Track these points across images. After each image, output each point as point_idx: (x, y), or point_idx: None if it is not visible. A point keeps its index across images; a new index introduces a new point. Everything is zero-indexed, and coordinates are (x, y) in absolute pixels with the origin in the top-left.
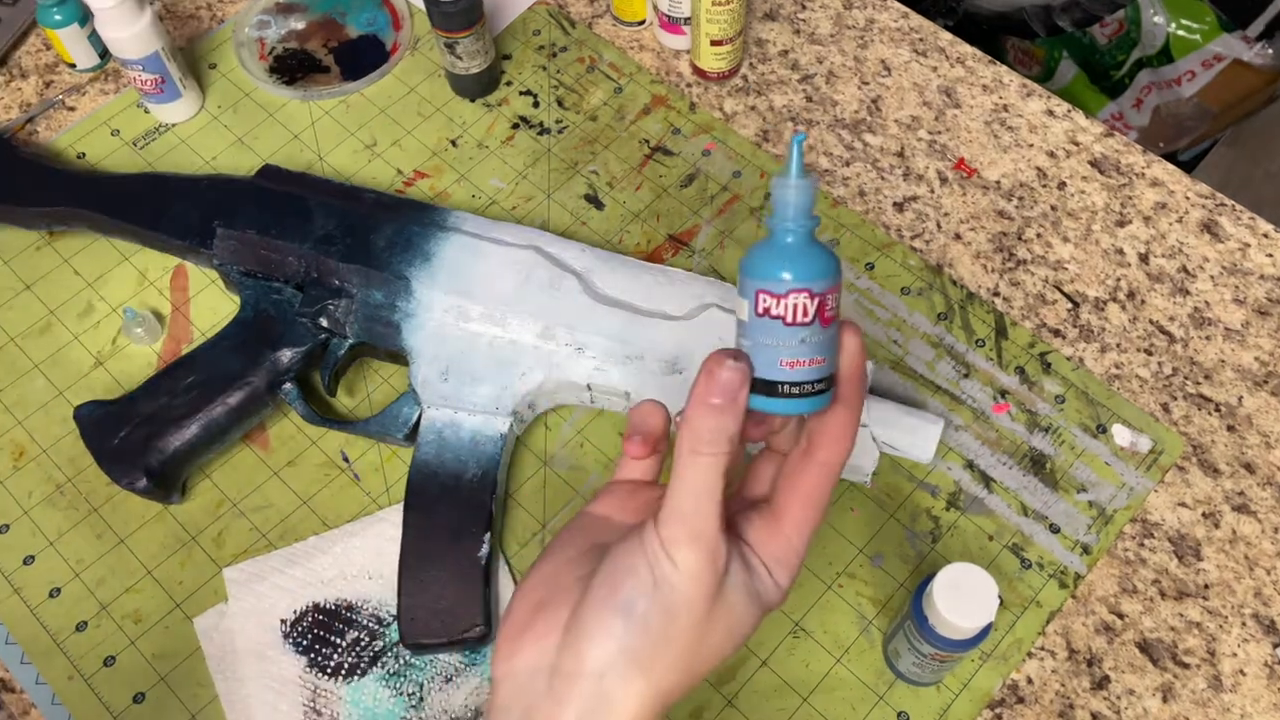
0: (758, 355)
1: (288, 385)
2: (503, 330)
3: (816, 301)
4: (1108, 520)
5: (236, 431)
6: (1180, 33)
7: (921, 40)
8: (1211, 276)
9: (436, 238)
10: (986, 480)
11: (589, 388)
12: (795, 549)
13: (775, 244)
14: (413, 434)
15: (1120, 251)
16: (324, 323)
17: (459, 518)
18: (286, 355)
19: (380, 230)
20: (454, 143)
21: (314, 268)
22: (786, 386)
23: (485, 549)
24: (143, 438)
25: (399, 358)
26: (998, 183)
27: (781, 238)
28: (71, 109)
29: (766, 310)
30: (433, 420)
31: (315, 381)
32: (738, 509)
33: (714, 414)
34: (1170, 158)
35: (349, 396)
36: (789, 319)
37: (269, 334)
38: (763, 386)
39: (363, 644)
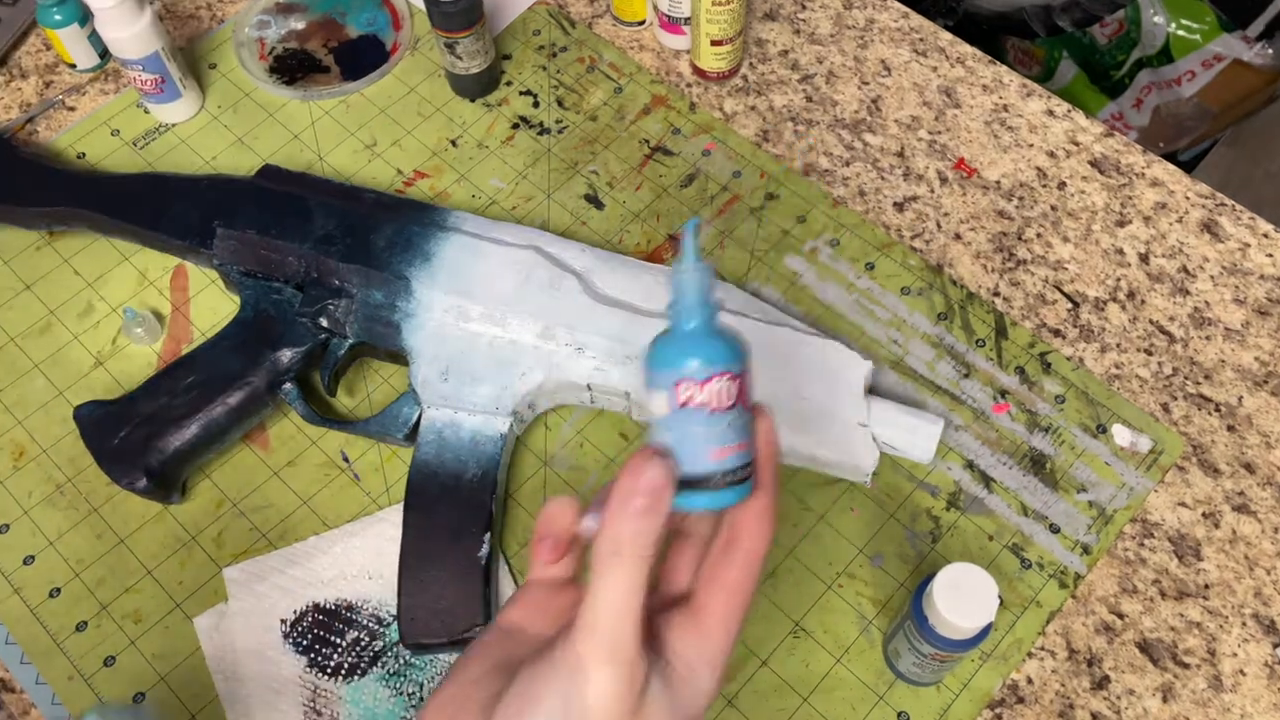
0: (683, 448)
1: (288, 385)
2: (503, 330)
3: (737, 384)
4: (1108, 520)
5: (236, 431)
6: (1180, 33)
7: (921, 40)
8: (1211, 276)
9: (436, 238)
10: (986, 480)
11: (589, 388)
12: (722, 647)
13: (684, 332)
14: (413, 434)
15: (1120, 251)
16: (324, 323)
17: (459, 518)
18: (286, 355)
19: (380, 230)
20: (454, 143)
21: (314, 268)
22: (717, 477)
23: (485, 549)
24: (143, 438)
25: (399, 358)
26: (998, 183)
27: (687, 324)
28: (71, 109)
29: (689, 399)
30: (433, 420)
31: (315, 381)
32: (655, 607)
33: (637, 517)
34: (1170, 158)
35: (349, 396)
36: (714, 405)
37: (269, 334)
38: (689, 482)
39: (363, 644)
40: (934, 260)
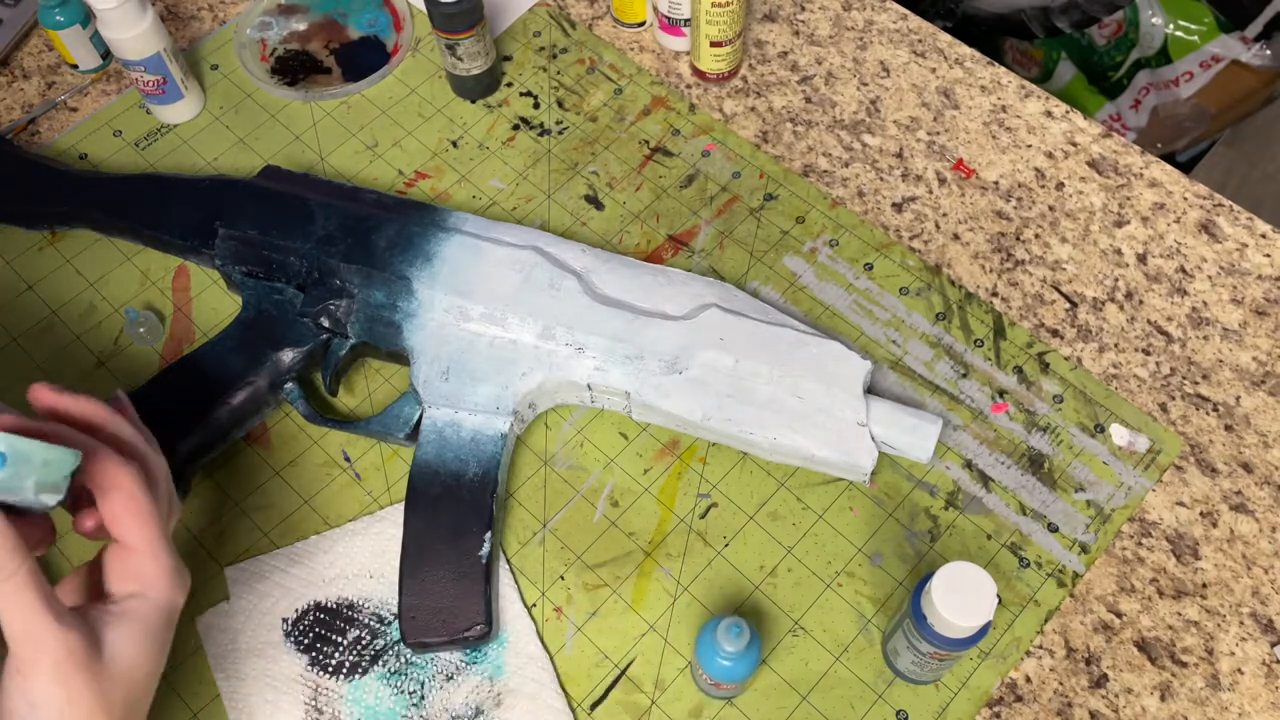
0: None
1: (289, 385)
2: (503, 330)
3: None
4: (1106, 519)
5: (238, 431)
6: (1178, 34)
7: (920, 41)
8: (1209, 277)
9: (437, 238)
10: (985, 479)
11: (589, 387)
12: (149, 556)
13: None
14: (414, 434)
15: (1118, 252)
16: (325, 323)
17: (460, 517)
18: (288, 355)
19: (381, 231)
20: (455, 144)
21: (315, 268)
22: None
23: (486, 548)
24: None
25: (400, 357)
26: (996, 183)
27: None
28: (73, 110)
29: None
30: (434, 420)
31: (317, 381)
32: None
33: None
34: (1168, 158)
35: (350, 396)
36: None
37: (271, 334)
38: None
39: (364, 643)
40: (932, 260)
